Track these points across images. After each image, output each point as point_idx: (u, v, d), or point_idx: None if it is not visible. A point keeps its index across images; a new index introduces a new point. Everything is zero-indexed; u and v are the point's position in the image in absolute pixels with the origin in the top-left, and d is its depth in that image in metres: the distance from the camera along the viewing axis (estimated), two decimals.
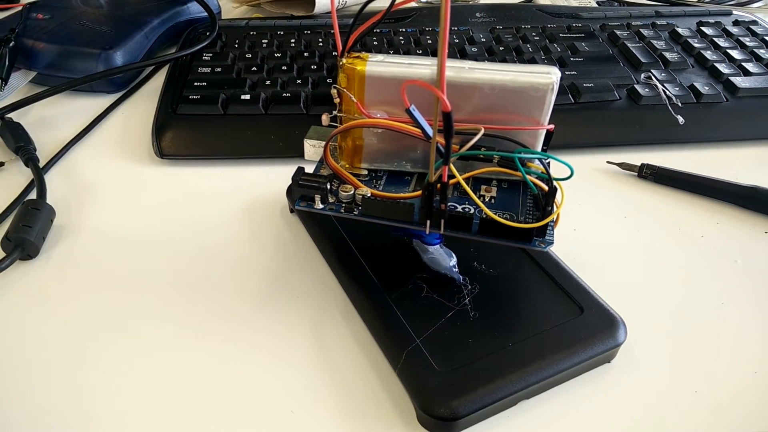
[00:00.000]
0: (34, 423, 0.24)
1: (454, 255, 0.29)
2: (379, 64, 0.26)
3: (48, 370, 0.26)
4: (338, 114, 0.27)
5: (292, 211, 0.34)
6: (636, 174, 0.38)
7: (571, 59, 0.46)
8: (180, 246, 0.32)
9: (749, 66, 0.45)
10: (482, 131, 0.25)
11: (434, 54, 0.47)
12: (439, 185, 0.24)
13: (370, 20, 0.26)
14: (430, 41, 0.49)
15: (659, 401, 0.25)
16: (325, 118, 0.27)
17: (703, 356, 0.27)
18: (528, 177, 0.25)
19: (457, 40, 0.49)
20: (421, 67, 0.26)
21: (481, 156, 0.26)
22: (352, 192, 0.26)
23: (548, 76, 0.25)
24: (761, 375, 0.26)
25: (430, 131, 0.23)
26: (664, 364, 0.27)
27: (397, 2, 0.24)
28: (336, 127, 0.27)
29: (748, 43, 0.49)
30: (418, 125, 0.23)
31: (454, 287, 0.28)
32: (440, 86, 0.20)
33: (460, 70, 0.26)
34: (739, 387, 0.26)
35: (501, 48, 0.47)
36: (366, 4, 0.26)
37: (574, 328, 0.26)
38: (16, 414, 0.24)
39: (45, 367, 0.26)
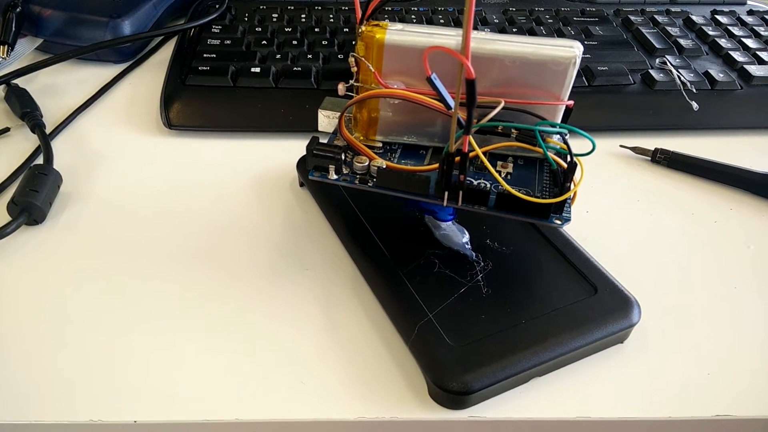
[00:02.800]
0: (38, 387, 0.24)
1: (466, 232, 0.29)
2: (399, 33, 0.25)
3: (52, 335, 0.26)
4: (355, 84, 0.27)
5: (302, 184, 0.34)
6: (649, 158, 0.37)
7: (585, 43, 0.45)
8: (187, 216, 0.32)
9: (764, 55, 0.45)
10: (502, 104, 0.25)
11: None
12: (458, 157, 0.23)
13: None
14: (442, 21, 0.48)
15: (672, 383, 0.25)
16: (341, 88, 0.26)
17: (716, 339, 0.27)
18: (548, 152, 0.24)
19: None
20: (442, 36, 0.25)
21: (500, 129, 0.26)
22: (366, 163, 0.26)
23: (571, 49, 0.25)
24: None
25: (451, 101, 0.23)
26: (677, 346, 0.27)
27: None
28: (351, 97, 0.27)
29: (762, 33, 0.48)
30: (439, 94, 0.22)
31: (466, 264, 0.28)
32: (465, 53, 0.20)
33: (480, 41, 0.25)
34: (752, 370, 0.26)
35: (514, 30, 0.47)
36: None
37: (588, 308, 0.26)
38: (22, 378, 0.24)
39: (49, 331, 0.26)
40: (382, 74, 0.26)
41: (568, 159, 0.24)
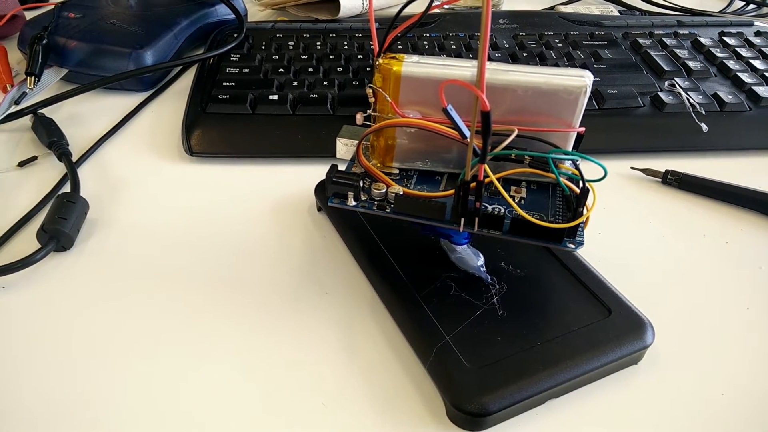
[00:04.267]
0: (64, 412, 0.25)
1: (481, 255, 0.30)
2: (415, 65, 0.26)
3: (80, 361, 0.27)
4: (372, 113, 0.28)
5: (320, 209, 0.35)
6: (660, 180, 0.38)
7: (595, 66, 0.46)
8: (209, 242, 0.33)
9: None
10: (516, 132, 0.26)
11: (459, 56, 0.47)
12: (473, 184, 0.24)
13: (406, 22, 0.26)
14: (453, 46, 0.49)
15: (686, 404, 0.25)
16: (359, 117, 0.27)
17: (729, 360, 0.27)
18: (560, 178, 0.25)
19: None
20: (456, 68, 0.26)
21: (513, 156, 0.26)
22: (384, 190, 0.27)
23: (582, 79, 0.26)
24: None
25: (466, 131, 0.24)
26: (691, 367, 0.27)
27: (435, 4, 0.25)
28: (369, 126, 0.28)
29: None
30: (455, 124, 0.23)
31: (482, 286, 0.29)
32: (480, 86, 0.20)
33: (494, 71, 0.26)
34: (766, 391, 0.26)
35: (524, 54, 0.48)
36: (406, 4, 0.26)
37: (602, 329, 0.26)
38: (46, 405, 0.25)
39: (77, 357, 0.27)
40: (399, 104, 0.27)
41: (581, 185, 0.25)
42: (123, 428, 0.24)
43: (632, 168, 0.39)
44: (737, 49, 0.49)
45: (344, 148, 0.30)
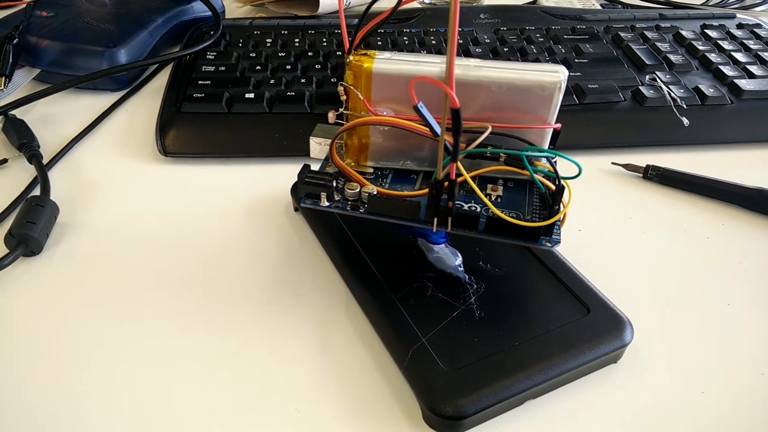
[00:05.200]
0: (34, 421, 0.24)
1: (459, 254, 0.29)
2: (386, 62, 0.26)
3: (50, 367, 0.26)
4: (344, 112, 0.27)
5: (296, 209, 0.34)
6: (641, 175, 0.38)
7: (576, 60, 0.46)
8: (184, 244, 0.32)
9: (753, 68, 0.45)
10: (489, 129, 0.25)
11: (440, 52, 0.47)
12: (446, 183, 0.23)
13: (376, 18, 0.25)
14: (434, 42, 0.49)
15: (666, 402, 0.25)
16: (331, 116, 0.27)
17: (710, 357, 0.27)
18: (536, 176, 0.25)
19: (461, 41, 0.49)
20: (428, 65, 0.25)
21: (488, 154, 0.26)
22: (358, 190, 0.26)
23: (556, 74, 0.25)
24: None
25: (438, 128, 0.23)
26: (671, 365, 0.27)
27: (403, 0, 0.24)
28: (342, 124, 0.27)
29: (752, 46, 0.49)
30: (426, 122, 0.23)
31: (459, 286, 0.28)
32: (449, 83, 0.20)
33: (466, 68, 0.25)
34: (746, 388, 0.26)
35: (505, 49, 0.47)
36: (374, 1, 0.26)
37: (581, 328, 0.26)
38: (18, 412, 0.24)
39: (47, 363, 0.26)
40: (371, 102, 0.26)
41: (556, 182, 0.25)
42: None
43: (613, 163, 0.38)
44: (719, 42, 0.49)
45: (318, 147, 0.29)
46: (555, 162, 0.27)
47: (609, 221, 0.34)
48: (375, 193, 0.26)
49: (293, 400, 0.25)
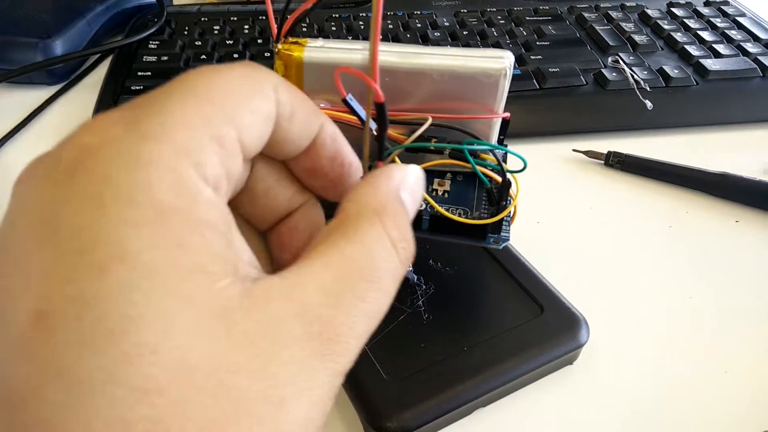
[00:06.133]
0: None
1: None
2: (318, 50, 0.24)
3: None
4: None
5: None
6: (603, 162, 0.36)
7: (537, 43, 0.44)
8: None
9: (720, 48, 0.44)
10: (429, 121, 0.23)
11: (397, 37, 0.45)
12: None
13: (307, 2, 0.23)
14: (391, 26, 0.46)
15: (624, 405, 0.24)
16: None
17: (671, 356, 0.26)
18: (479, 169, 0.23)
19: (419, 25, 0.47)
20: (363, 52, 0.24)
21: (432, 148, 0.24)
22: None
23: (500, 60, 0.23)
24: (732, 374, 0.25)
25: (373, 122, 0.21)
26: (630, 365, 0.25)
27: None
28: None
29: (719, 24, 0.47)
30: (358, 116, 0.21)
31: (407, 288, 0.26)
32: (372, 74, 0.18)
33: (405, 55, 0.23)
34: (710, 388, 0.24)
35: (465, 32, 0.45)
36: None
37: (534, 329, 0.25)
38: None
39: None
40: (304, 93, 0.24)
41: (503, 176, 0.23)
42: None
43: (574, 150, 0.37)
44: (685, 20, 0.48)
45: None
46: (505, 154, 0.25)
47: (569, 212, 0.33)
48: None
49: None
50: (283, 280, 0.13)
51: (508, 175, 0.23)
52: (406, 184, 0.16)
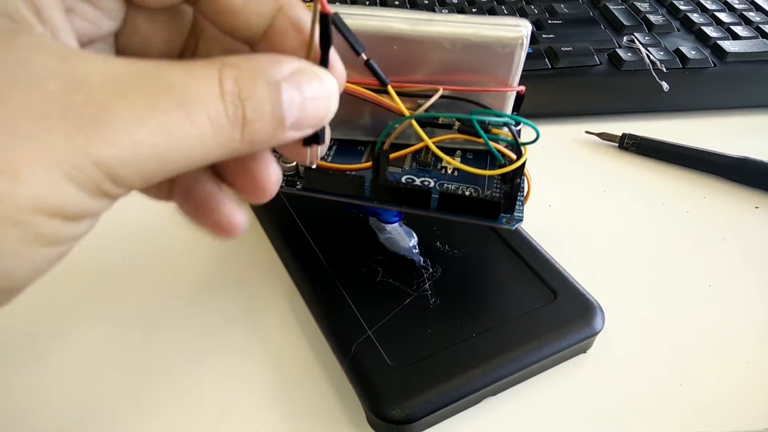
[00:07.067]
0: None
1: (414, 234, 0.26)
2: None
3: None
4: None
5: None
6: (617, 145, 0.35)
7: (549, 22, 0.42)
8: (112, 227, 0.29)
9: (738, 29, 0.42)
10: (440, 92, 0.22)
11: (405, 6, 0.43)
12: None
13: None
14: (397, 2, 0.45)
15: (640, 396, 0.23)
16: None
17: (689, 345, 0.24)
18: (492, 144, 0.22)
19: (426, 1, 0.45)
20: (376, 19, 0.22)
21: (440, 121, 0.23)
22: (294, 163, 0.23)
23: (517, 29, 0.22)
24: (754, 365, 0.24)
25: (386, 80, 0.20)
26: (646, 355, 0.24)
27: None
28: None
29: (737, 6, 0.46)
30: (376, 75, 0.19)
31: (413, 271, 0.25)
32: None
33: (415, 22, 0.22)
34: (729, 379, 0.23)
35: (474, 9, 0.44)
36: None
37: (546, 316, 0.23)
38: None
39: None
40: None
41: (517, 151, 0.22)
42: None
43: (587, 132, 0.35)
44: (702, 1, 0.46)
45: None
46: (519, 129, 0.24)
47: (581, 195, 0.32)
48: (313, 166, 0.23)
49: (220, 401, 0.22)
50: (93, 54, 0.12)
51: (523, 150, 0.22)
52: (296, 83, 0.14)
